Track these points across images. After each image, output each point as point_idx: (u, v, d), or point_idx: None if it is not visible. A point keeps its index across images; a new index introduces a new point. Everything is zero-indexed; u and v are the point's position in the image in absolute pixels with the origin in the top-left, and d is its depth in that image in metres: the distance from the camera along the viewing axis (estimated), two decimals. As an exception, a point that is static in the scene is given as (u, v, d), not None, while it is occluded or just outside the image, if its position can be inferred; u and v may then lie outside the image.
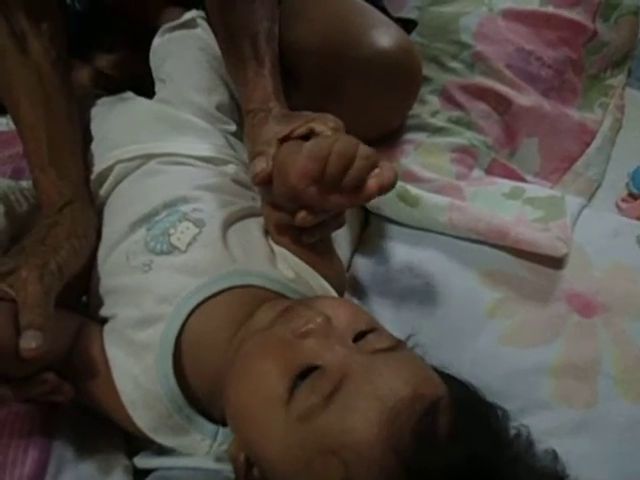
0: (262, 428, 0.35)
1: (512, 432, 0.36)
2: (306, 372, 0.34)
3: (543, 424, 0.40)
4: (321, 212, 0.40)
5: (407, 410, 0.32)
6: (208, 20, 0.58)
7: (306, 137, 0.42)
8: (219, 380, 0.38)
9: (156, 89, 0.57)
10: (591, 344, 0.43)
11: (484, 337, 0.45)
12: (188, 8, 0.60)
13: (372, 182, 0.37)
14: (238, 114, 0.55)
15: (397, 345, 0.36)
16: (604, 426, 0.40)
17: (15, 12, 0.46)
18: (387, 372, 0.33)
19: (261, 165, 0.40)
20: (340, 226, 0.44)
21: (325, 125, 0.41)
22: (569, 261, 0.48)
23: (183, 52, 0.55)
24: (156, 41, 0.58)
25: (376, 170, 0.37)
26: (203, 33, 0.57)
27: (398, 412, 0.32)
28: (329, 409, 0.32)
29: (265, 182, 0.40)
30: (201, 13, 0.58)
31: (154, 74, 0.57)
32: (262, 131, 0.44)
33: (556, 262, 0.47)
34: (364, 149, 0.37)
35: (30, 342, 0.34)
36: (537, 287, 0.47)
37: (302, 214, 0.40)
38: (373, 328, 0.37)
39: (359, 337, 0.36)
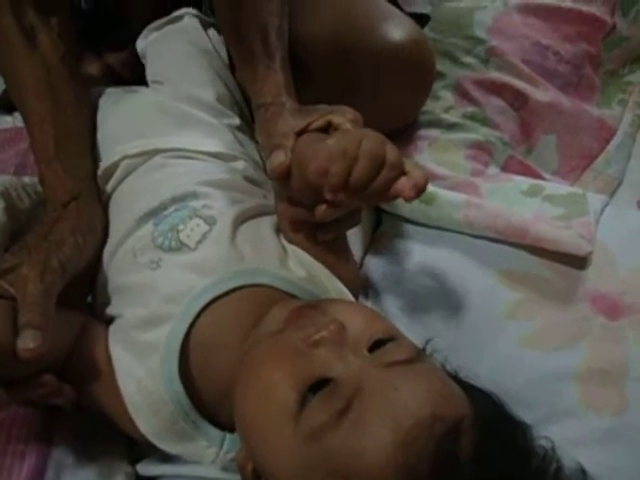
0: (269, 442, 0.33)
1: (539, 451, 0.34)
2: (317, 385, 0.32)
3: (569, 433, 0.38)
4: (340, 207, 0.39)
5: (425, 433, 0.29)
6: (199, 17, 0.57)
7: (324, 130, 0.41)
8: (228, 384, 0.36)
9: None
10: (618, 348, 0.41)
11: (504, 340, 0.43)
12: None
13: (405, 191, 0.34)
14: (237, 108, 0.54)
15: (416, 357, 0.34)
16: (635, 434, 0.38)
17: (24, 6, 0.46)
18: (404, 388, 0.31)
19: (279, 158, 0.39)
20: (356, 224, 0.43)
21: (344, 117, 0.40)
22: (593, 261, 0.45)
23: (173, 50, 0.54)
24: (141, 43, 0.57)
25: (402, 179, 0.35)
26: (189, 25, 0.56)
27: (415, 435, 0.29)
28: (340, 428, 0.30)
29: (283, 176, 0.39)
30: (191, 10, 0.57)
31: (147, 77, 0.56)
32: (278, 124, 0.42)
33: (579, 262, 0.45)
34: (392, 152, 0.35)
35: (28, 342, 0.33)
36: (559, 288, 0.44)
37: (321, 208, 0.38)
38: (391, 337, 0.35)
39: (375, 346, 0.34)
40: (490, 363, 0.42)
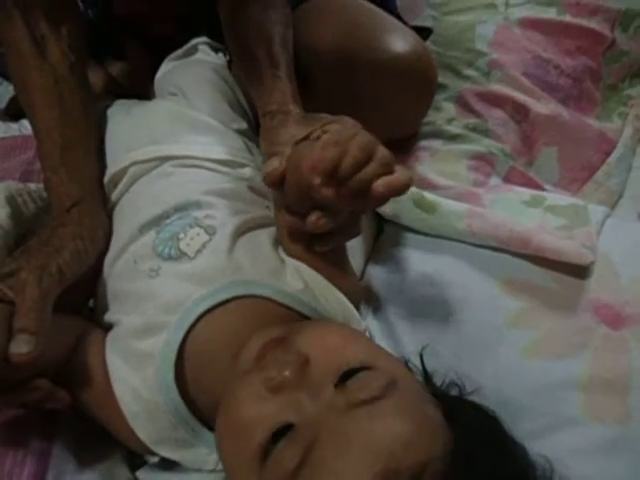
0: None
1: (533, 473, 0.33)
2: (281, 431, 0.31)
3: (572, 442, 0.38)
4: (334, 215, 0.38)
5: None
6: (210, 44, 0.59)
7: None
8: (222, 396, 0.36)
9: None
10: (621, 357, 0.40)
11: (506, 349, 0.43)
12: (197, 25, 0.60)
13: (378, 184, 0.34)
14: (247, 119, 0.55)
15: (386, 391, 0.31)
16: (638, 444, 0.37)
17: (36, 17, 0.46)
18: (359, 440, 0.29)
19: (273, 164, 0.38)
20: (354, 235, 0.42)
21: (343, 127, 0.40)
22: (595, 270, 0.45)
23: (188, 70, 0.56)
24: (160, 72, 0.59)
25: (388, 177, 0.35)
26: (203, 55, 0.58)
27: None
28: None
29: (277, 182, 0.39)
30: (202, 39, 0.59)
31: (161, 96, 0.57)
32: (281, 133, 0.43)
33: (581, 271, 0.45)
34: (383, 151, 0.35)
35: (21, 347, 0.33)
36: (562, 297, 0.44)
37: (314, 216, 0.38)
38: (362, 365, 0.33)
39: (346, 377, 0.32)
40: (492, 372, 0.42)
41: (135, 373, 0.38)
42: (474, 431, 0.33)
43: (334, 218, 0.38)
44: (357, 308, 0.45)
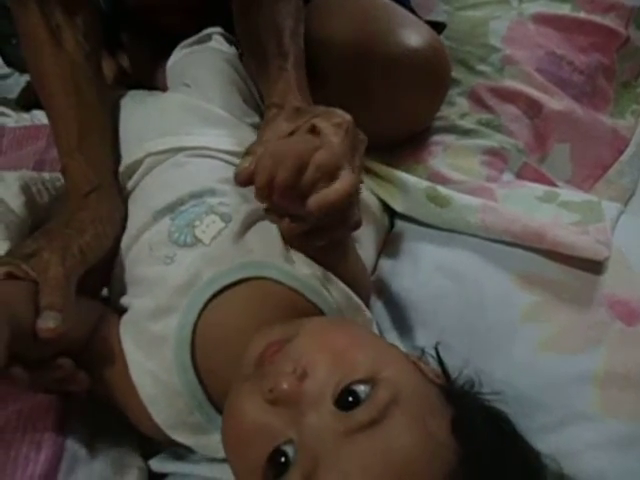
0: None
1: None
2: (280, 449, 0.30)
3: (587, 436, 0.38)
4: (304, 219, 0.37)
5: None
6: (224, 35, 0.59)
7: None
8: (230, 387, 0.36)
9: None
10: (636, 353, 0.40)
11: (520, 343, 0.43)
12: (208, 17, 0.60)
13: (311, 200, 0.34)
14: (259, 112, 0.54)
15: (385, 412, 0.30)
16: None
17: (51, 6, 0.47)
18: (357, 470, 0.28)
19: (243, 165, 0.37)
20: (353, 228, 0.40)
21: (328, 121, 0.39)
22: (609, 266, 0.45)
23: (202, 60, 0.56)
24: (172, 59, 0.58)
25: (332, 186, 0.34)
26: (216, 44, 0.58)
27: None
28: None
29: (245, 183, 0.37)
30: (217, 29, 0.59)
31: (170, 83, 0.57)
32: (267, 129, 0.42)
33: (596, 266, 0.45)
34: (322, 154, 0.35)
35: (48, 322, 0.33)
36: (577, 292, 0.44)
37: (285, 221, 0.37)
38: (363, 378, 0.31)
39: (347, 391, 0.31)
40: (506, 366, 0.42)
41: (150, 356, 0.38)
42: (481, 440, 0.32)
43: (306, 221, 0.37)
44: (367, 301, 0.44)
